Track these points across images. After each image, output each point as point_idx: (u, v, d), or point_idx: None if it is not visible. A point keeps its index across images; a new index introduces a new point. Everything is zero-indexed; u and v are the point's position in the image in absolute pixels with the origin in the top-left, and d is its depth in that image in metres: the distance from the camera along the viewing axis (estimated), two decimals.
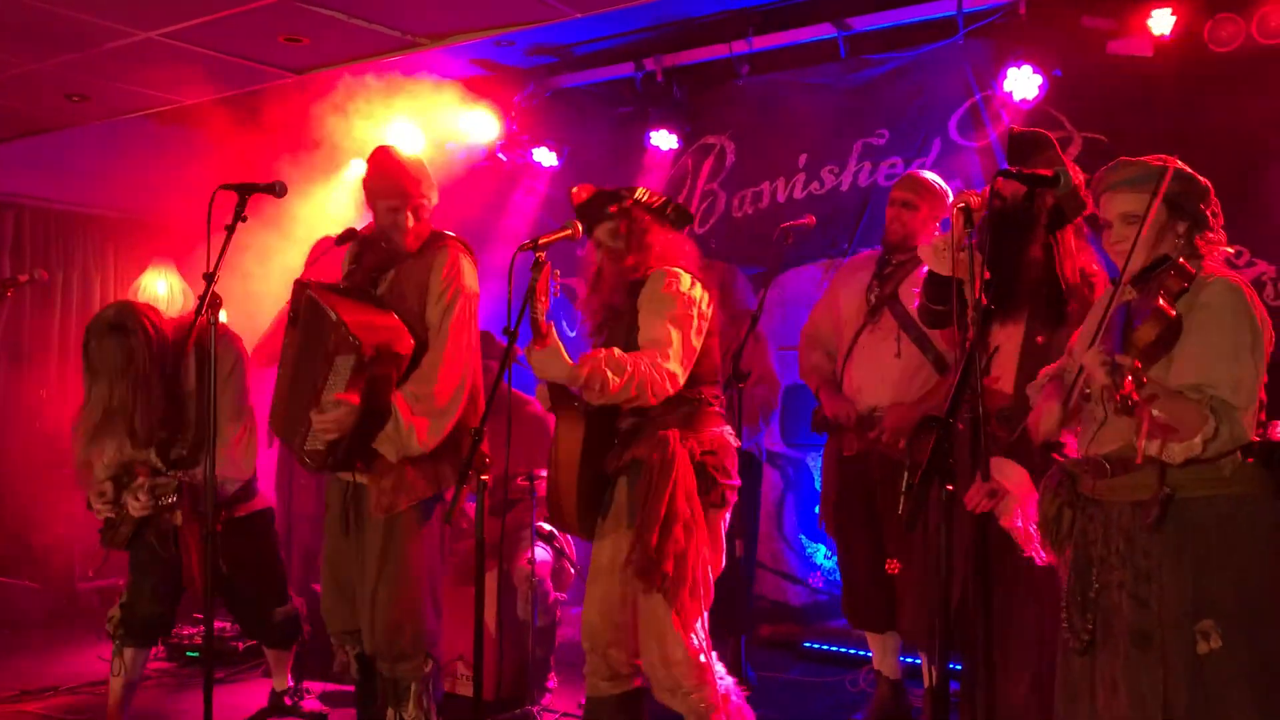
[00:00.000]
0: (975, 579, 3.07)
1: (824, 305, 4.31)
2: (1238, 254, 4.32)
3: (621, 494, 3.24)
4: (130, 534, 3.87)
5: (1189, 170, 2.55)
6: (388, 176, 3.43)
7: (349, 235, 3.57)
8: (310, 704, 4.42)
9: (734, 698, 3.23)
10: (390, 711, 3.55)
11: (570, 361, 2.98)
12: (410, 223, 3.42)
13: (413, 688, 3.47)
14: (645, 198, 3.34)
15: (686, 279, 3.23)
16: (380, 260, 3.51)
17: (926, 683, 4.02)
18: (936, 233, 4.11)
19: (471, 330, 3.48)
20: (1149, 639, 2.45)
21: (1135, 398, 2.18)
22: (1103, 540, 2.55)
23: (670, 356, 3.09)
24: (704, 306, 3.22)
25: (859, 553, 4.04)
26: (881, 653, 4.18)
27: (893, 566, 3.91)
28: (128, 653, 3.92)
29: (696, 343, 3.18)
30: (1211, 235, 2.55)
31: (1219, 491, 2.45)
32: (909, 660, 4.36)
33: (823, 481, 4.24)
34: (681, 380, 3.13)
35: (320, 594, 3.72)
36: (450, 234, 3.58)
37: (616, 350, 3.05)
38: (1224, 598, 2.42)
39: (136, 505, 3.78)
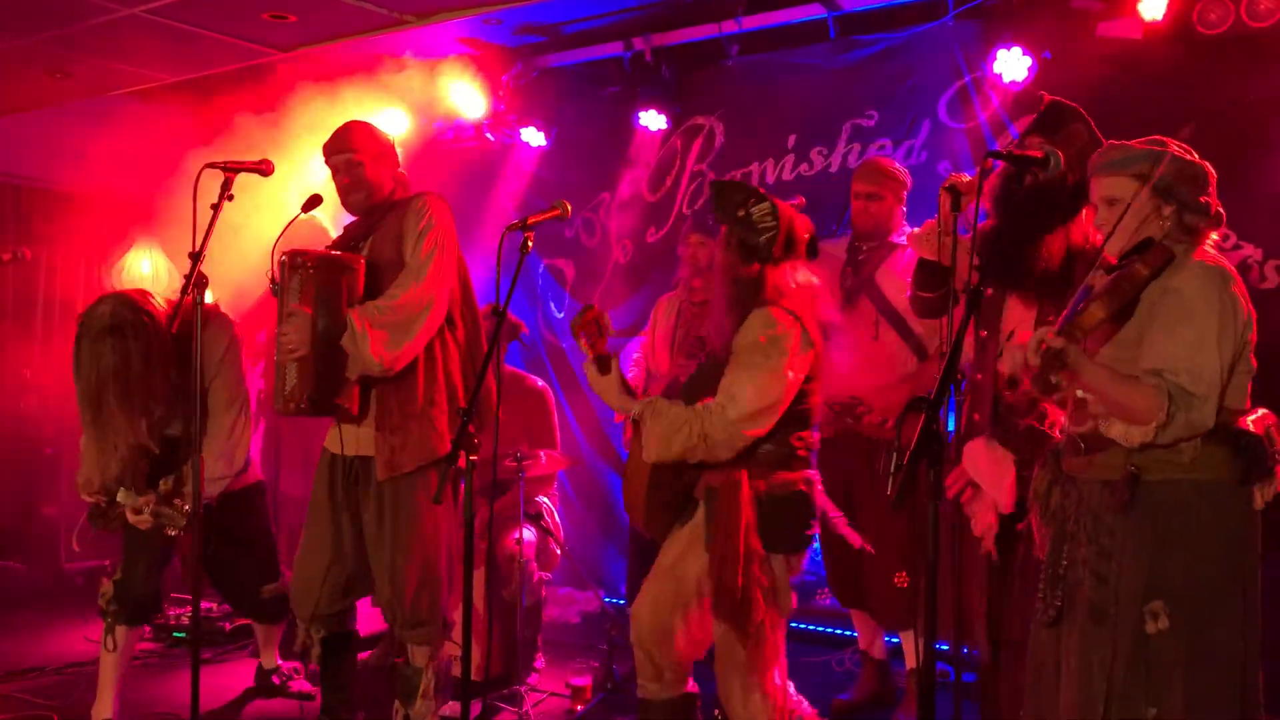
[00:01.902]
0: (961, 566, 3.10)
1: None
2: (1224, 237, 4.34)
3: (701, 514, 3.17)
4: (120, 521, 3.85)
5: (1184, 154, 2.55)
6: (337, 135, 3.55)
7: (314, 201, 3.53)
8: (299, 684, 4.42)
9: None
10: (397, 704, 3.57)
11: (627, 401, 3.03)
12: (366, 173, 3.49)
13: (423, 681, 3.49)
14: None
15: (788, 324, 3.06)
16: (360, 230, 3.55)
17: (910, 663, 4.05)
18: (904, 222, 4.12)
19: (444, 260, 3.46)
20: (1104, 615, 2.50)
21: (1053, 379, 2.26)
22: (1075, 517, 2.61)
23: (738, 415, 2.98)
24: (800, 354, 3.05)
25: (839, 534, 4.04)
26: (868, 633, 4.21)
27: (902, 580, 3.93)
28: (119, 631, 3.90)
29: (775, 396, 3.02)
30: (1202, 222, 2.54)
31: (1181, 476, 2.48)
32: (894, 640, 4.39)
33: None
34: (754, 433, 3.01)
35: (294, 578, 3.65)
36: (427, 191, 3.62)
37: (664, 405, 3.00)
38: (1175, 580, 2.46)
39: (137, 519, 3.73)
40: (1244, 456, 2.47)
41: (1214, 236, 2.60)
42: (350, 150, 3.51)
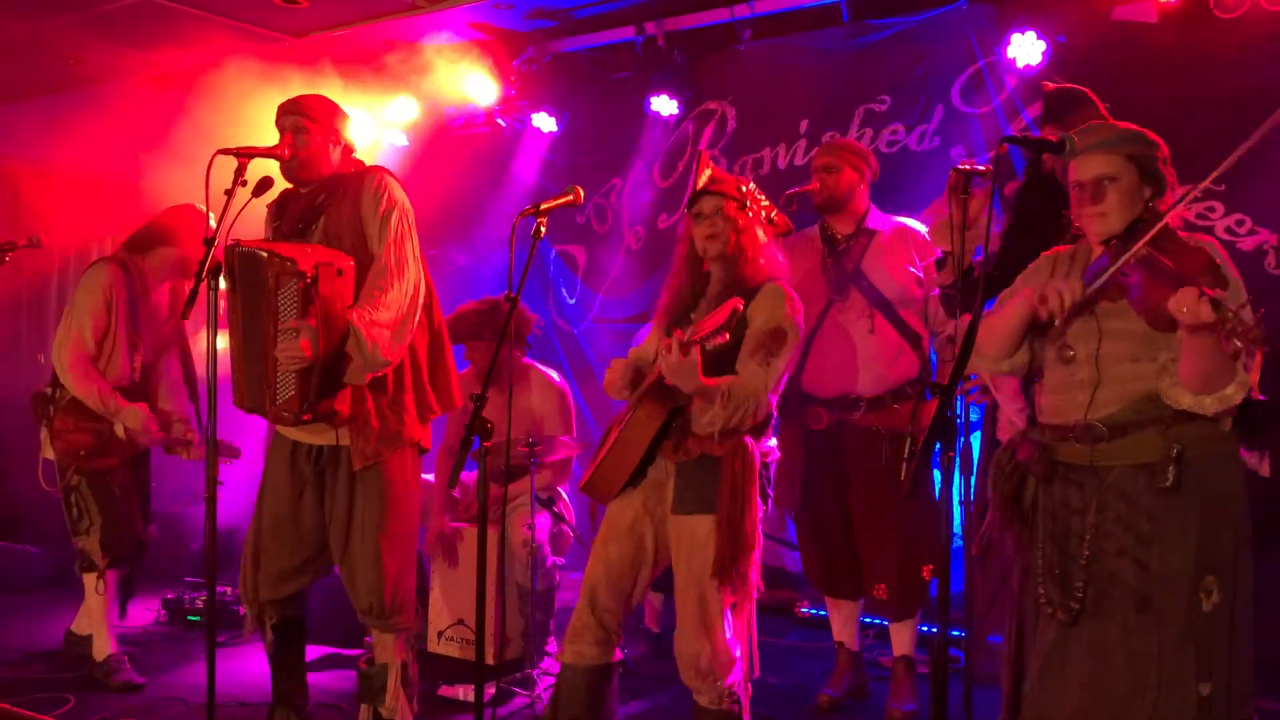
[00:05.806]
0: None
1: None
2: (1238, 222, 4.32)
3: (662, 473, 3.23)
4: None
5: (1150, 134, 2.60)
6: (290, 99, 3.45)
7: (265, 185, 3.37)
8: (126, 674, 4.30)
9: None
10: (364, 708, 3.53)
11: (703, 380, 2.96)
12: (311, 140, 3.37)
13: (390, 676, 3.45)
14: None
15: (794, 301, 3.21)
16: (305, 209, 3.41)
17: (899, 650, 4.02)
18: (870, 203, 4.07)
19: (413, 241, 3.40)
20: (1149, 602, 2.45)
21: (1254, 331, 2.10)
22: (1096, 508, 2.52)
23: (772, 388, 3.15)
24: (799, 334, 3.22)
25: (832, 523, 4.03)
26: (846, 623, 4.17)
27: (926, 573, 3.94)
28: (110, 575, 4.31)
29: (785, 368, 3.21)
30: (1170, 200, 2.57)
31: (1220, 447, 2.48)
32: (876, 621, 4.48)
33: (782, 456, 4.17)
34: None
35: (244, 562, 3.56)
36: (373, 165, 3.53)
37: (739, 384, 3.07)
38: (1223, 552, 2.45)
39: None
40: (1244, 425, 2.47)
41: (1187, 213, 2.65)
42: (299, 113, 3.39)
